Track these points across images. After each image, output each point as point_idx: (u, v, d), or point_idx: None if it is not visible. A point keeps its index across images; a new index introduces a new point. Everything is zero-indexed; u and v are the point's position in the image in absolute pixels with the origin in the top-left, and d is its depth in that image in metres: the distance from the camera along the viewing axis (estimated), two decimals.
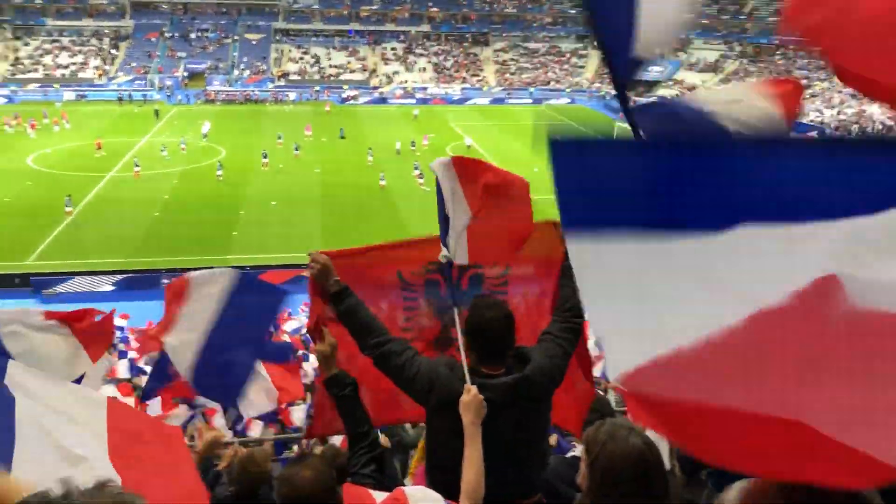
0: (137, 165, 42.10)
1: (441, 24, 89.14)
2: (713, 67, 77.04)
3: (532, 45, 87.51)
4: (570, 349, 3.54)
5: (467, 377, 3.26)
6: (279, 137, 49.97)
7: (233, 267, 5.58)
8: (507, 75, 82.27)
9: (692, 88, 73.91)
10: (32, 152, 46.54)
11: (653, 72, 79.23)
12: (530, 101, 75.08)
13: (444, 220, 3.82)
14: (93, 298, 27.33)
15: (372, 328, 3.49)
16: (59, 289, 27.82)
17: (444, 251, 3.79)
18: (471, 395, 3.13)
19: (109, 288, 27.81)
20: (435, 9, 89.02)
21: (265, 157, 44.53)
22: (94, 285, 28.08)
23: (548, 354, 3.41)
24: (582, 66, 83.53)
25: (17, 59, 76.54)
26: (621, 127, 2.85)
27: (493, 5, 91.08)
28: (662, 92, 75.03)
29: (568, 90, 77.83)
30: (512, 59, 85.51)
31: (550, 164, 1.70)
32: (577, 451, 4.17)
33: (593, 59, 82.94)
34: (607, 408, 4.66)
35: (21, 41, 79.11)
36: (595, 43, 2.55)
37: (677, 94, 72.32)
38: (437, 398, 3.28)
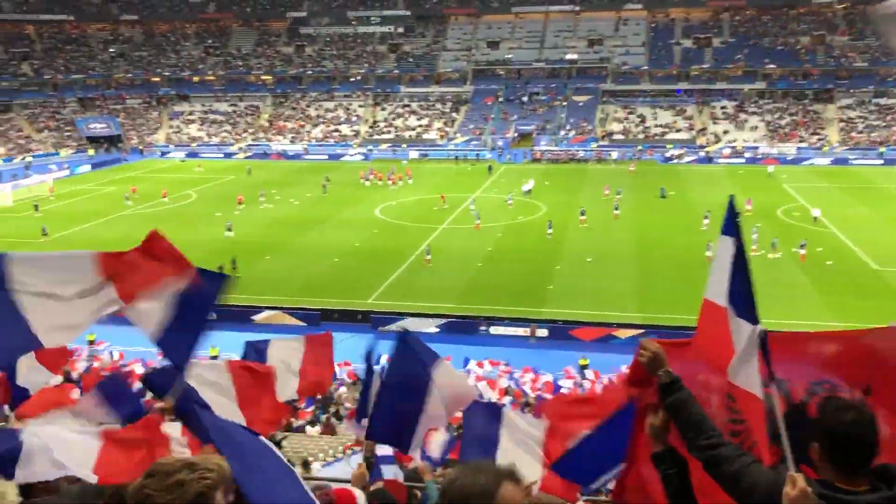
0: (478, 219, 45.23)
1: (777, 80, 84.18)
2: None
3: (885, 101, 78.81)
4: None
5: (791, 466, 2.77)
6: (618, 193, 51.17)
7: (540, 321, 5.79)
8: (853, 134, 74.84)
9: None
10: (380, 204, 52.43)
11: None
12: (880, 161, 67.37)
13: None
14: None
15: (702, 427, 3.14)
16: (392, 327, 30.70)
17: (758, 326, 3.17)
18: (797, 488, 2.62)
19: (434, 330, 30.02)
20: (772, 66, 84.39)
21: (583, 213, 45.34)
22: (422, 326, 30.52)
23: None
24: None
25: (374, 121, 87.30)
26: None
27: (839, 59, 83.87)
28: None
29: None
30: (860, 117, 77.69)
31: None
32: None
33: None
34: None
35: (379, 106, 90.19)
36: None
37: None
38: None
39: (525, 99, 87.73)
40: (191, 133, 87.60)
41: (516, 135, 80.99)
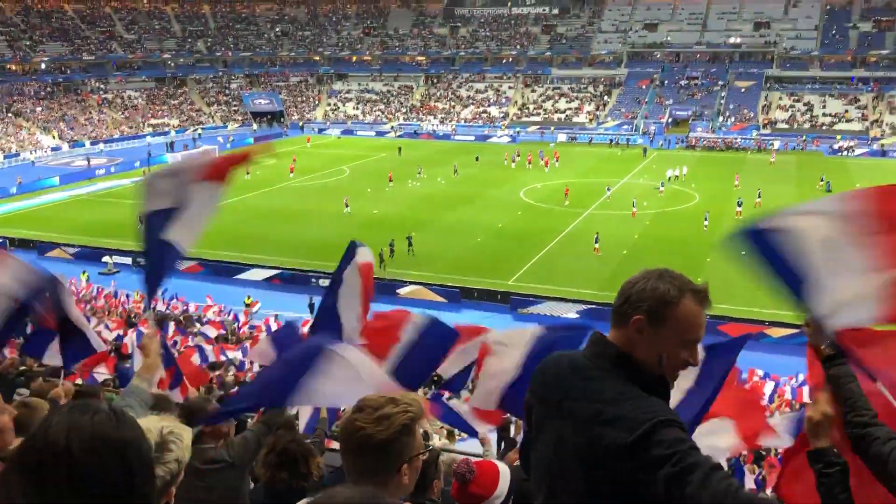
0: (634, 206, 43.96)
1: None
2: None
3: None
4: None
5: None
6: (758, 196, 46.30)
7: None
8: None
9: None
10: (525, 186, 52.29)
11: None
12: None
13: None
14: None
15: (856, 404, 3.07)
16: (532, 309, 30.68)
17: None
18: None
19: (574, 315, 29.72)
20: None
21: (740, 205, 43.28)
22: (561, 310, 30.32)
23: None
24: None
25: (524, 103, 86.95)
26: None
27: None
28: None
29: None
30: None
31: None
32: None
33: None
34: None
35: (529, 88, 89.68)
36: None
37: None
38: None
39: (683, 83, 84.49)
40: (347, 111, 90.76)
41: (670, 120, 78.22)
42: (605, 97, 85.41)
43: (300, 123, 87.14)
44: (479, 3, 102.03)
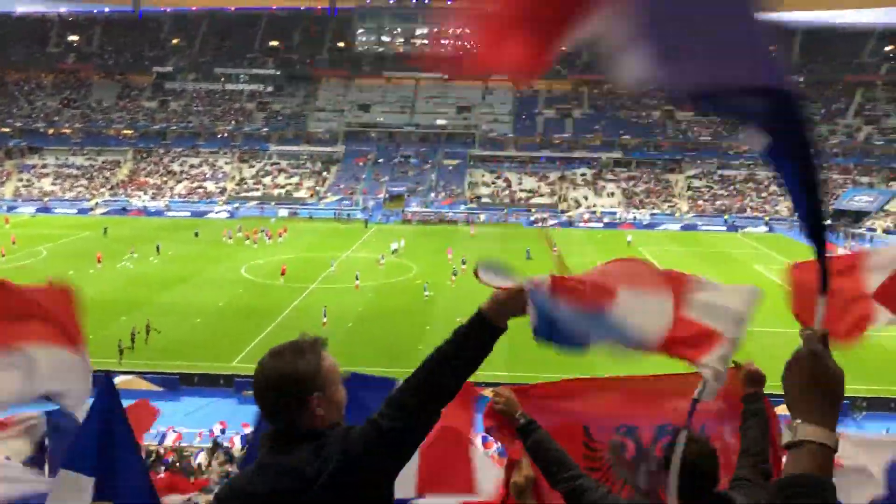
0: (357, 279, 44.62)
1: (632, 150, 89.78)
2: None
3: (727, 173, 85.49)
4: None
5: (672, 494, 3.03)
6: (463, 262, 50.78)
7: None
8: (700, 202, 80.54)
9: None
10: (246, 262, 51.06)
11: (861, 202, 74.35)
12: (724, 228, 72.72)
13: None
14: None
15: (563, 462, 3.26)
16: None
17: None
18: None
19: None
20: (627, 136, 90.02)
21: (455, 274, 45.88)
22: None
23: (750, 499, 3.08)
24: (782, 195, 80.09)
25: (241, 178, 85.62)
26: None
27: (686, 133, 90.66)
28: (872, 223, 70.02)
29: (766, 219, 74.73)
30: (706, 186, 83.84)
31: None
32: None
33: None
34: None
35: (246, 163, 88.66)
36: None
37: (888, 227, 66.92)
38: None
39: (396, 161, 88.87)
40: (43, 187, 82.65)
41: (387, 196, 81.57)
42: (325, 173, 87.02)
43: None
44: (190, 78, 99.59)
